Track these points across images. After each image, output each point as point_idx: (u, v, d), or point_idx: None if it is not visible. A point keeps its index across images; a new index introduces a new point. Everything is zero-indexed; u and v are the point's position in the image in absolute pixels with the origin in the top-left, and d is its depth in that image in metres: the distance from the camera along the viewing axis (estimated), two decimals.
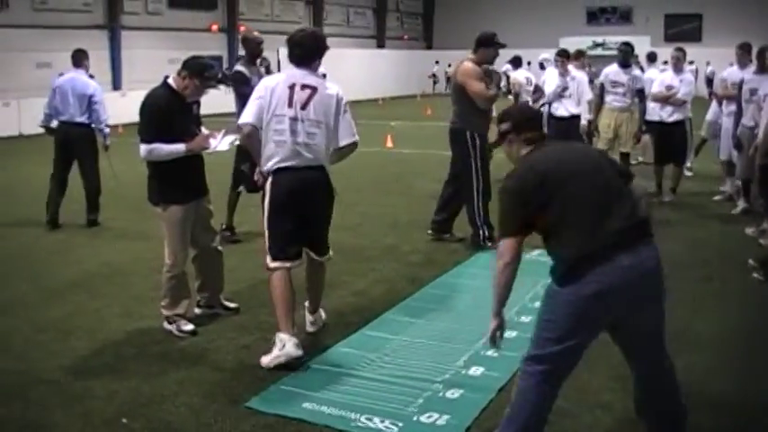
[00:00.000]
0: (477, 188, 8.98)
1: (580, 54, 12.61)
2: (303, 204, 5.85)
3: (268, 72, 9.32)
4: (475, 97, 8.76)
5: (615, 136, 11.39)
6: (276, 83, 6.00)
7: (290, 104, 5.82)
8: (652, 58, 16.99)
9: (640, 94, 11.39)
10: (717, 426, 4.65)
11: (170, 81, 6.35)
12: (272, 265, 5.83)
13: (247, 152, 6.88)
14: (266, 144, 5.85)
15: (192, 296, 6.67)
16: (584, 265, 3.79)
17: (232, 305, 6.92)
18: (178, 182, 6.33)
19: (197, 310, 6.77)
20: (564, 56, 12.78)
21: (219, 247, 6.84)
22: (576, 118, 12.00)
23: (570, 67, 12.38)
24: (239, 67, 9.26)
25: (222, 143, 6.56)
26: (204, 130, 6.58)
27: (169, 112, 6.24)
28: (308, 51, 6.16)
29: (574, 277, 3.84)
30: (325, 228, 6.17)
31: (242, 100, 8.19)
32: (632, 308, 3.90)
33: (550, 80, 13.03)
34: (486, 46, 9.04)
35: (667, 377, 4.11)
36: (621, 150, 11.44)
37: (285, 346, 5.60)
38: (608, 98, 11.41)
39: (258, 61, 9.53)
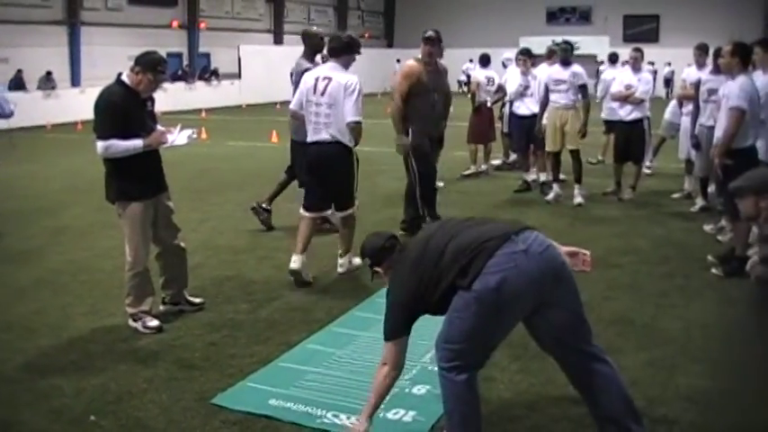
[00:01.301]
0: (415, 187, 9.47)
1: (552, 53, 12.69)
2: (322, 171, 7.66)
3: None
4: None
5: (562, 134, 11.47)
6: (310, 76, 7.69)
7: (315, 92, 7.53)
8: (613, 59, 17.17)
9: (583, 91, 11.49)
10: (683, 419, 4.73)
11: (124, 77, 6.30)
12: (301, 212, 7.82)
13: (297, 148, 8.97)
14: (307, 124, 7.65)
15: (157, 293, 6.66)
16: None
17: (197, 301, 6.91)
18: (136, 179, 6.30)
19: (162, 307, 6.75)
20: (526, 55, 12.89)
21: (182, 244, 6.83)
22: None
23: (544, 65, 12.49)
24: (303, 63, 9.40)
25: (180, 137, 6.59)
26: (160, 127, 6.56)
27: (124, 108, 6.19)
28: (337, 47, 7.71)
29: None
30: (340, 190, 7.72)
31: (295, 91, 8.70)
32: None
33: (512, 79, 13.14)
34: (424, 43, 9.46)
35: None
36: (569, 148, 11.52)
37: (291, 261, 7.53)
38: (552, 96, 11.50)
39: (319, 57, 9.62)
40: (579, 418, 4.73)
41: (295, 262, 7.55)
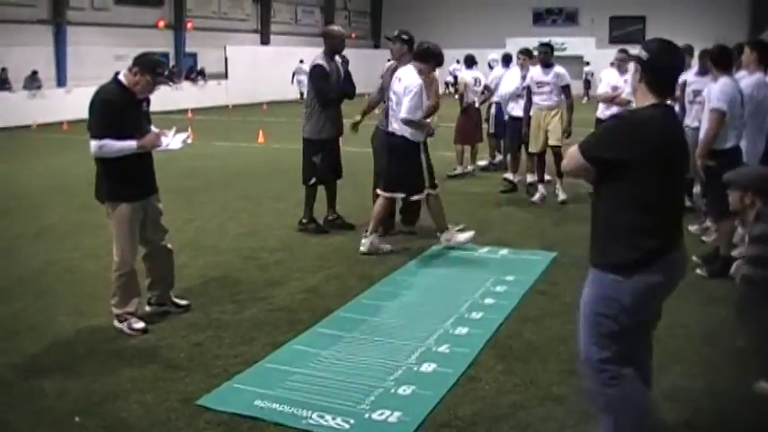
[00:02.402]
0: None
1: (529, 54, 12.72)
2: (390, 157, 8.82)
3: (345, 67, 9.58)
4: None
5: (545, 135, 11.51)
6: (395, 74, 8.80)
7: (391, 89, 8.78)
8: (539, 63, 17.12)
9: (566, 91, 11.53)
10: (668, 417, 4.75)
11: (121, 77, 6.29)
12: (379, 192, 8.91)
13: (318, 144, 9.43)
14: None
15: (143, 294, 6.64)
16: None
17: (183, 302, 6.89)
18: (127, 180, 6.28)
19: (147, 308, 6.73)
20: (526, 54, 12.84)
21: (169, 245, 6.81)
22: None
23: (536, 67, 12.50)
24: (320, 61, 9.41)
25: (174, 141, 6.56)
26: (154, 129, 6.55)
27: (120, 108, 6.18)
28: (417, 52, 8.76)
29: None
30: (403, 175, 8.69)
31: (319, 93, 9.24)
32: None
33: (508, 80, 13.10)
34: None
35: None
36: (551, 144, 11.55)
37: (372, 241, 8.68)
38: (535, 99, 11.54)
39: (338, 57, 9.63)
40: (563, 417, 4.76)
41: (373, 240, 8.71)
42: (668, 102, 3.99)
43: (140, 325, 6.32)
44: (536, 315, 6.67)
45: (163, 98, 32.72)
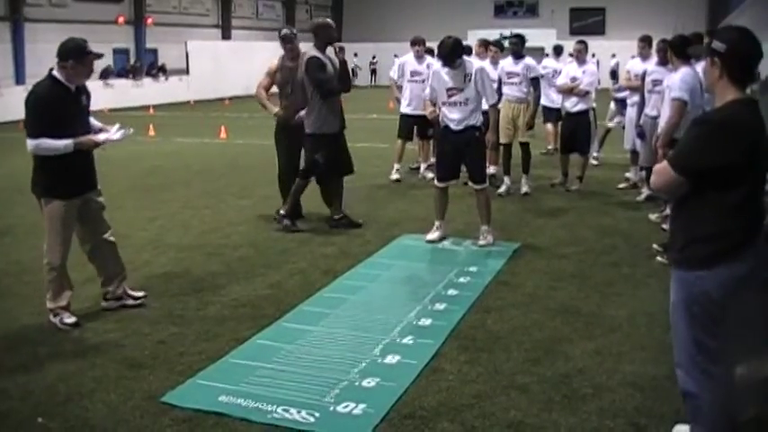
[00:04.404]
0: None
1: (487, 45, 12.78)
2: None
3: (342, 56, 9.35)
4: None
5: (514, 127, 11.60)
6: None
7: None
8: (558, 50, 17.31)
9: (534, 83, 11.62)
10: (630, 404, 4.81)
11: (55, 73, 6.25)
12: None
13: (322, 140, 9.23)
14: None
15: (91, 291, 6.67)
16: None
17: (139, 294, 6.92)
18: (62, 177, 6.26)
19: (104, 304, 6.77)
20: (498, 46, 12.80)
21: (112, 238, 6.79)
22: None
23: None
24: (314, 53, 9.25)
25: (114, 134, 6.53)
26: (95, 122, 6.57)
27: (55, 104, 6.15)
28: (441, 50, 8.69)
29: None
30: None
31: (319, 84, 9.06)
32: None
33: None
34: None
35: None
36: (520, 140, 11.66)
37: (433, 229, 8.99)
38: (505, 89, 11.61)
39: (330, 49, 9.45)
40: (527, 405, 4.81)
41: (434, 230, 9.02)
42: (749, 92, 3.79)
43: (72, 320, 6.37)
44: (499, 305, 6.72)
45: (124, 95, 32.76)
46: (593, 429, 4.52)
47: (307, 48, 9.59)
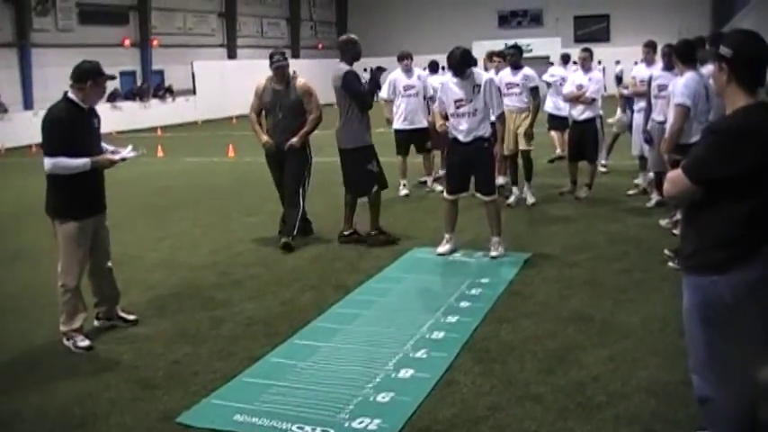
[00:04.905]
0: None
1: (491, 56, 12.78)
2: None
3: (379, 75, 9.75)
4: None
5: (515, 137, 11.57)
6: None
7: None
8: (566, 59, 17.32)
9: (534, 92, 11.60)
10: (645, 411, 4.80)
11: (70, 95, 6.35)
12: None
13: (369, 151, 9.42)
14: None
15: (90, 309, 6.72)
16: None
17: (130, 318, 6.98)
18: (77, 198, 6.34)
19: (96, 323, 6.86)
20: (501, 57, 12.78)
21: (109, 264, 6.86)
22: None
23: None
24: (349, 68, 9.41)
25: (129, 153, 6.67)
26: (106, 146, 6.66)
27: (72, 124, 6.25)
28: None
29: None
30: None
31: (359, 97, 9.16)
32: None
33: None
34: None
35: None
36: (521, 149, 11.64)
37: (443, 242, 8.94)
38: (505, 100, 11.56)
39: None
40: (542, 415, 4.79)
41: (444, 243, 8.96)
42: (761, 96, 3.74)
43: (86, 343, 6.40)
44: (511, 316, 6.71)
45: (132, 117, 32.86)
46: None
47: (338, 66, 9.59)
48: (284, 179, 9.63)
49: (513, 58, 11.70)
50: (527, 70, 11.68)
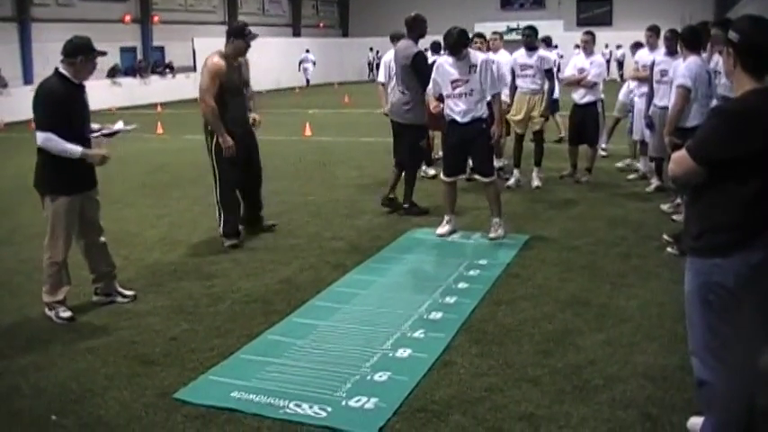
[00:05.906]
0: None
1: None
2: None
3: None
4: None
5: (528, 118, 11.55)
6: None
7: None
8: (548, 41, 17.17)
9: (548, 74, 11.58)
10: (642, 395, 4.81)
11: (62, 70, 6.39)
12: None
13: (424, 130, 9.98)
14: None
15: (84, 285, 6.78)
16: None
17: (128, 293, 7.00)
18: (67, 173, 6.36)
19: (94, 298, 6.91)
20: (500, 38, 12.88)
21: (103, 239, 6.88)
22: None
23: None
24: (418, 48, 9.81)
25: (119, 126, 6.81)
26: (93, 125, 6.70)
27: (64, 99, 6.30)
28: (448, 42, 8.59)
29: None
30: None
31: (425, 78, 9.15)
32: None
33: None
34: (237, 37, 8.73)
35: None
36: (534, 129, 11.63)
37: (443, 222, 8.95)
38: (518, 82, 11.57)
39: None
40: (539, 397, 4.80)
41: (444, 225, 8.96)
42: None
43: (68, 314, 6.48)
44: (509, 298, 6.72)
45: (131, 93, 32.80)
46: (605, 420, 4.51)
47: (407, 43, 9.85)
48: (252, 164, 9.36)
49: (529, 39, 11.64)
50: (542, 52, 11.67)
